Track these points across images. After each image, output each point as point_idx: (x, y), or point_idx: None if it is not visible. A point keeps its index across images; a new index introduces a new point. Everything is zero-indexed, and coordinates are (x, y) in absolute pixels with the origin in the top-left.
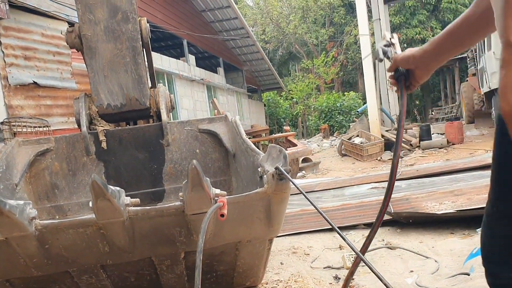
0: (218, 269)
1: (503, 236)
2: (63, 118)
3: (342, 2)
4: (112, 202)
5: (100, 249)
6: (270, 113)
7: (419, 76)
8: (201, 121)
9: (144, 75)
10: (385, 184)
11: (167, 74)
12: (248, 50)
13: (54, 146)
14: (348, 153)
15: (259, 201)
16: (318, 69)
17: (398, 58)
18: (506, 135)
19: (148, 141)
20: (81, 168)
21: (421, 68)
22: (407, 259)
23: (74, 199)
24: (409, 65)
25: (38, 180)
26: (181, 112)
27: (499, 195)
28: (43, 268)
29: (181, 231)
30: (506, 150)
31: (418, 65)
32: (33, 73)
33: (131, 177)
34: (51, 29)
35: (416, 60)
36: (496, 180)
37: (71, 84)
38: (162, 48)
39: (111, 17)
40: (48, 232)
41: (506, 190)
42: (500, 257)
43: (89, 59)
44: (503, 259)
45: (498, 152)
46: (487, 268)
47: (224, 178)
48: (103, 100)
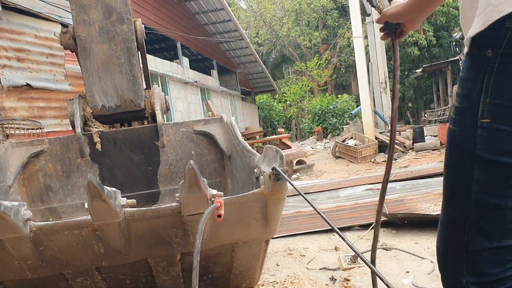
0: (214, 271)
1: (453, 240)
2: (56, 120)
3: (335, 5)
4: (108, 203)
5: (95, 251)
6: (263, 115)
7: (408, 27)
8: (196, 122)
9: (139, 76)
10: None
11: (161, 77)
12: (241, 53)
13: (48, 148)
14: (342, 155)
15: (256, 202)
16: (312, 71)
17: (387, 14)
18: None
19: (143, 143)
20: (75, 170)
21: (409, 21)
22: (403, 259)
23: (68, 201)
24: (397, 20)
25: (31, 182)
26: (174, 115)
27: (446, 200)
28: (38, 271)
29: (177, 232)
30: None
31: (406, 19)
32: (26, 75)
33: (126, 179)
34: (44, 30)
35: (403, 15)
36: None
37: (64, 86)
38: (155, 50)
39: (106, 18)
40: (43, 233)
41: (450, 195)
42: (452, 261)
43: (83, 60)
44: (455, 264)
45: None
46: (441, 273)
47: (220, 179)
48: (97, 101)
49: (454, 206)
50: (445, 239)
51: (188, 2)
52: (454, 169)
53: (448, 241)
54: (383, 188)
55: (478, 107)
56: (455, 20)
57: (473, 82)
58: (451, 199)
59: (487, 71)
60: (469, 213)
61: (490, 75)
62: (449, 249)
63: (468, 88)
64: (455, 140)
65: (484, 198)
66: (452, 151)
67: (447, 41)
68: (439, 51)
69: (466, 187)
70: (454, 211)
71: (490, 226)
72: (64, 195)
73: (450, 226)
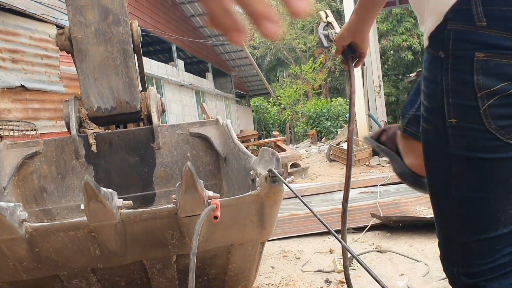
0: (210, 273)
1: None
2: (50, 122)
3: (330, 9)
4: (105, 204)
5: (91, 253)
6: (258, 118)
7: (359, 45)
8: (192, 124)
9: (135, 78)
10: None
11: (156, 79)
12: (236, 56)
13: (43, 149)
14: (337, 158)
15: (252, 204)
16: (306, 75)
17: (337, 40)
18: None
19: (139, 145)
20: (70, 171)
21: (357, 37)
22: (397, 262)
23: (63, 202)
24: (347, 40)
25: (26, 184)
26: (169, 117)
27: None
28: (33, 272)
29: (173, 234)
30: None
31: (353, 36)
32: (20, 76)
33: (121, 181)
34: (39, 32)
35: (350, 33)
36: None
37: (59, 88)
38: (151, 53)
39: (102, 19)
40: (38, 235)
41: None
42: (446, 252)
43: (79, 62)
44: (448, 255)
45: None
46: (442, 263)
47: (215, 181)
48: (93, 103)
49: (439, 201)
50: (438, 232)
51: (183, 5)
52: (434, 166)
53: (439, 234)
54: (343, 208)
55: (443, 107)
56: None
57: (434, 83)
58: (435, 195)
59: (443, 72)
60: (453, 207)
61: (447, 76)
62: (442, 241)
63: (431, 88)
64: (430, 138)
65: (465, 193)
66: (429, 149)
67: None
68: None
69: (447, 183)
70: (439, 206)
71: (474, 219)
72: (59, 197)
73: (438, 221)
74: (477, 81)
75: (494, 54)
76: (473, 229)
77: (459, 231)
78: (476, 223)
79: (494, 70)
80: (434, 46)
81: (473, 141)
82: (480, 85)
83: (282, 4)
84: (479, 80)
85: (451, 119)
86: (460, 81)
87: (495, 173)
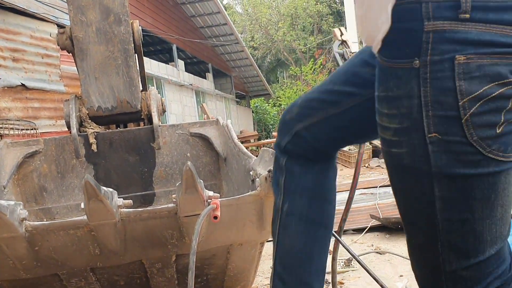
0: (209, 273)
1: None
2: (50, 121)
3: (331, 10)
4: (105, 203)
5: (90, 252)
6: (258, 119)
7: None
8: (192, 124)
9: (136, 77)
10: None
11: (156, 79)
12: (237, 56)
13: (43, 148)
14: (336, 159)
15: (252, 204)
16: (306, 76)
17: None
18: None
19: (139, 144)
20: (70, 170)
21: None
22: (396, 264)
23: (63, 202)
24: None
25: (26, 182)
26: (169, 117)
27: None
28: (32, 271)
29: (173, 233)
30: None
31: None
32: (21, 75)
33: (121, 180)
34: (40, 31)
35: None
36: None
37: (60, 87)
38: (151, 53)
39: (103, 19)
40: (38, 233)
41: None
42: (433, 285)
43: (80, 61)
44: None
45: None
46: None
47: (215, 182)
48: (93, 102)
49: (421, 230)
50: (421, 264)
51: (184, 5)
52: (412, 193)
53: (424, 266)
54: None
55: (422, 123)
56: None
57: (409, 99)
58: (416, 224)
59: (420, 83)
60: (438, 234)
61: (426, 87)
62: (427, 273)
63: (405, 106)
64: (405, 162)
65: (450, 215)
66: (404, 175)
67: None
68: None
69: (430, 208)
70: (422, 235)
71: (462, 243)
72: (59, 196)
73: (423, 251)
74: (460, 87)
75: (476, 55)
76: (463, 255)
77: (447, 260)
78: (465, 248)
79: (477, 73)
80: (401, 56)
81: (456, 156)
82: (463, 92)
83: None
84: (461, 86)
85: (431, 134)
86: (441, 89)
87: (478, 190)
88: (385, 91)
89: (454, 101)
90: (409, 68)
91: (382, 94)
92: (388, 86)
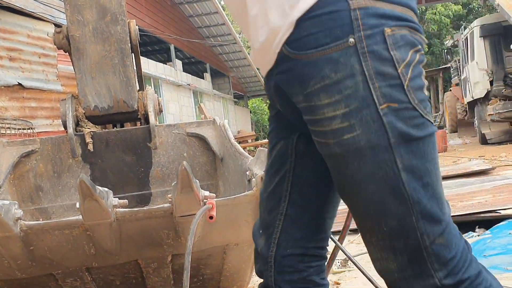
0: (205, 273)
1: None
2: (47, 121)
3: None
4: (100, 202)
5: (86, 251)
6: (255, 120)
7: None
8: (189, 124)
9: (133, 77)
10: None
11: (154, 79)
12: (235, 57)
13: (39, 148)
14: None
15: (248, 204)
16: None
17: None
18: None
19: (136, 144)
20: (66, 170)
21: None
22: None
23: (59, 201)
24: None
25: (22, 182)
26: (167, 117)
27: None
28: (27, 270)
29: (168, 233)
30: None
31: None
32: (18, 75)
33: (117, 180)
34: (37, 30)
35: None
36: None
37: (57, 86)
38: (149, 53)
39: (100, 18)
40: (33, 233)
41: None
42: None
43: (76, 60)
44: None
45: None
46: None
47: (211, 182)
48: (90, 102)
49: (393, 212)
50: (396, 253)
51: (182, 5)
52: (376, 175)
53: (401, 253)
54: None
55: (371, 97)
56: (446, 28)
57: (352, 78)
58: (385, 210)
59: (360, 59)
60: (410, 206)
61: (366, 61)
62: (405, 260)
63: (349, 87)
64: (362, 144)
65: (415, 184)
66: (363, 159)
67: (439, 48)
68: (430, 58)
69: (397, 183)
70: (394, 218)
71: (431, 208)
72: (55, 196)
73: (398, 235)
74: (395, 56)
75: (396, 27)
76: (435, 221)
77: (424, 232)
78: (434, 213)
79: (402, 42)
80: (331, 39)
81: (407, 122)
82: (398, 60)
83: None
84: (396, 55)
85: (382, 105)
86: (380, 61)
87: (428, 152)
88: (319, 82)
89: (394, 70)
90: (345, 48)
91: (316, 87)
92: (323, 75)
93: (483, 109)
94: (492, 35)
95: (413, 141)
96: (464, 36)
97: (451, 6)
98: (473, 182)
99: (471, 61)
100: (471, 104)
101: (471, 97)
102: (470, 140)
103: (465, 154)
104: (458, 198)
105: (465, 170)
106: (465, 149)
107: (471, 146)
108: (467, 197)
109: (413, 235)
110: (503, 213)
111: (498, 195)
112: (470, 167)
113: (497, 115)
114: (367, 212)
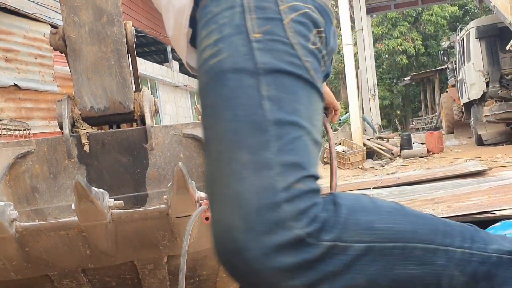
0: (201, 274)
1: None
2: (44, 122)
3: None
4: (96, 204)
5: (81, 253)
6: None
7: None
8: (185, 125)
9: (129, 78)
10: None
11: (151, 80)
12: None
13: (35, 149)
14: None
15: None
16: None
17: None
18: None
19: (132, 145)
20: (62, 171)
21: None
22: None
23: (55, 202)
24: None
25: (17, 183)
26: (163, 118)
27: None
28: (23, 272)
29: (164, 234)
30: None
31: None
32: (14, 75)
33: (113, 181)
34: (33, 31)
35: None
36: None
37: (53, 87)
38: (146, 54)
39: (96, 19)
40: (28, 234)
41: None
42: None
43: (72, 61)
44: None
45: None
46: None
47: None
48: (86, 103)
49: (247, 143)
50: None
51: None
52: (236, 99)
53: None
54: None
55: (245, 26)
56: (443, 30)
57: (230, 9)
58: (239, 140)
59: None
60: (268, 138)
61: None
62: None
63: (226, 16)
64: (226, 66)
65: (279, 115)
66: (225, 82)
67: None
68: (427, 59)
69: (258, 111)
70: (248, 150)
71: (292, 150)
72: (51, 197)
73: (249, 170)
74: None
75: None
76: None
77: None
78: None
79: None
80: None
81: (280, 54)
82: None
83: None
84: None
85: (255, 34)
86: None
87: (301, 93)
88: (203, 19)
89: (275, 7)
90: None
91: (200, 25)
92: (207, 12)
93: (479, 110)
94: (488, 37)
95: (286, 74)
96: (460, 38)
97: (447, 8)
98: (469, 183)
99: (467, 63)
100: (467, 105)
101: (467, 98)
102: (466, 141)
103: (461, 155)
104: (454, 199)
105: (461, 171)
106: (462, 150)
107: (467, 147)
108: (463, 198)
109: (266, 174)
110: (499, 214)
111: (494, 196)
112: (466, 168)
113: (493, 116)
114: (216, 142)
